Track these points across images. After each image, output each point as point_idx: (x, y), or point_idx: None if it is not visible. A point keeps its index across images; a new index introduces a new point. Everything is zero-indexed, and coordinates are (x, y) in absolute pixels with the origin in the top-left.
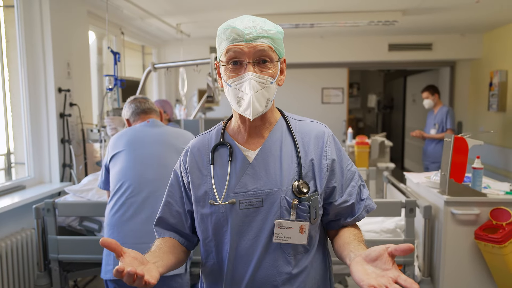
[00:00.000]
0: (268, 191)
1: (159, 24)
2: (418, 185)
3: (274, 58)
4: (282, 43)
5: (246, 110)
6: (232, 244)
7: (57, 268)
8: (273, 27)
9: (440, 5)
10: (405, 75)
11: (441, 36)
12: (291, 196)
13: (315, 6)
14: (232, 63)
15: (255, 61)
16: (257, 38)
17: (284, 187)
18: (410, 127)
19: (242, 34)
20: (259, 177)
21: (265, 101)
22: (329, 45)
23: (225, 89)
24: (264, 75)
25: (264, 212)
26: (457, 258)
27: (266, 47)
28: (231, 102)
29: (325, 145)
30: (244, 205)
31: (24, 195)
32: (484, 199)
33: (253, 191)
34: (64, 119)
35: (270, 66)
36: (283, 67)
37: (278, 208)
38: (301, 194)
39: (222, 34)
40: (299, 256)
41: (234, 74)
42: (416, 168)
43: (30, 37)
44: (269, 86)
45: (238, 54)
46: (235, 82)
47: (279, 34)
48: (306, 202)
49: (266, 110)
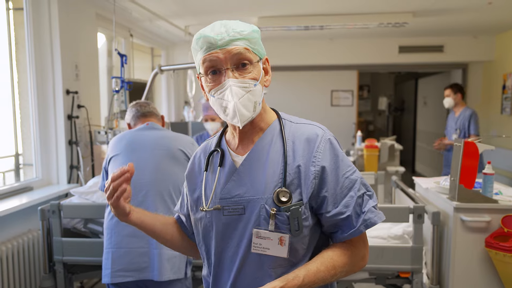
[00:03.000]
0: (250, 198)
1: (168, 26)
2: (427, 191)
3: (253, 59)
4: (260, 43)
5: (233, 118)
6: (217, 251)
7: (61, 270)
8: (247, 28)
9: (452, 7)
10: (416, 78)
11: (453, 38)
12: (271, 205)
13: (324, 8)
14: (211, 72)
15: (233, 66)
16: (230, 42)
17: (265, 194)
18: (421, 130)
19: (215, 41)
20: (243, 183)
21: (252, 105)
22: (338, 47)
23: (210, 101)
24: (246, 79)
25: (245, 220)
26: (467, 266)
27: (242, 49)
28: (217, 112)
29: (316, 150)
30: (227, 212)
31: (32, 196)
32: (495, 205)
33: (236, 198)
34: (71, 121)
35: (251, 69)
36: (267, 68)
37: (258, 216)
38: (281, 203)
39: (195, 45)
40: (282, 269)
41: (215, 83)
42: (428, 172)
43: (39, 39)
44: (253, 89)
45: (214, 63)
46: (218, 92)
47: (254, 34)
48: (284, 213)
49: (255, 114)
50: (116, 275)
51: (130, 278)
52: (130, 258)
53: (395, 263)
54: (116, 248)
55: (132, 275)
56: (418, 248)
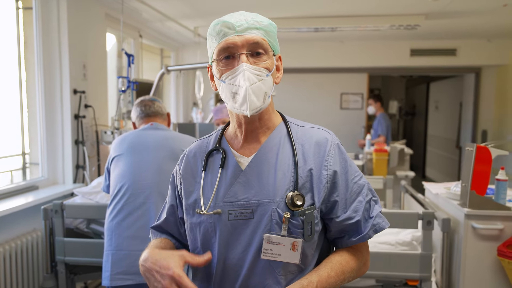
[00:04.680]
0: (259, 201)
1: (178, 28)
2: (437, 196)
3: (269, 49)
4: (276, 38)
5: (242, 105)
6: (220, 258)
7: (63, 271)
8: (265, 20)
9: (465, 9)
10: (428, 81)
11: (466, 41)
12: (283, 209)
13: (335, 10)
14: (224, 58)
15: (248, 52)
16: (249, 29)
17: (277, 198)
18: (432, 134)
19: (233, 26)
20: (251, 186)
21: (263, 95)
22: (349, 50)
23: (219, 88)
24: (259, 66)
25: (254, 225)
26: (478, 275)
27: (259, 38)
28: (226, 100)
29: (327, 154)
30: (233, 216)
31: (37, 196)
32: (508, 213)
33: (243, 201)
34: (78, 121)
35: (265, 58)
36: (279, 65)
37: (269, 221)
38: (295, 207)
39: (212, 31)
40: (291, 276)
41: (227, 68)
42: (439, 177)
43: (47, 38)
44: (265, 78)
45: (230, 48)
46: (229, 77)
47: (271, 27)
48: (299, 217)
49: (264, 106)
50: (115, 278)
51: (130, 281)
52: (130, 260)
53: (403, 270)
54: (116, 250)
55: (132, 278)
56: (427, 256)
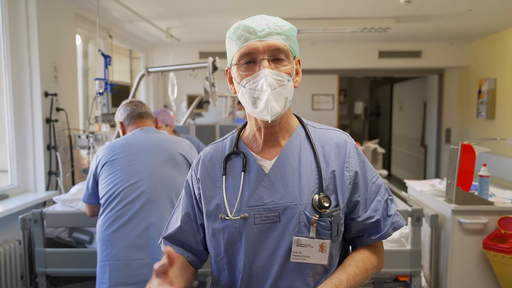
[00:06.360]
0: (286, 205)
1: (148, 28)
2: (421, 193)
3: (290, 55)
4: (296, 42)
5: (263, 111)
6: (246, 263)
7: (44, 283)
8: (287, 24)
9: (433, 13)
10: (392, 82)
11: (431, 43)
12: (311, 211)
13: (306, 12)
14: (245, 63)
15: (270, 57)
16: (270, 34)
17: (303, 200)
18: (397, 134)
19: (255, 32)
20: (276, 190)
21: (283, 100)
22: (320, 52)
23: (239, 92)
24: (281, 71)
25: (281, 228)
26: (465, 268)
27: (281, 45)
28: (246, 105)
29: (348, 156)
30: (260, 220)
31: (7, 205)
32: (491, 207)
33: (269, 205)
34: (50, 125)
35: (286, 63)
36: (298, 68)
37: (297, 224)
38: (322, 209)
39: (233, 35)
40: (318, 277)
41: (248, 73)
42: (404, 175)
43: (16, 39)
44: (286, 84)
45: (251, 53)
46: (250, 82)
47: (292, 31)
48: (327, 218)
49: (284, 110)
50: None
51: None
52: (129, 270)
53: (394, 266)
54: (113, 261)
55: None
56: (416, 251)
